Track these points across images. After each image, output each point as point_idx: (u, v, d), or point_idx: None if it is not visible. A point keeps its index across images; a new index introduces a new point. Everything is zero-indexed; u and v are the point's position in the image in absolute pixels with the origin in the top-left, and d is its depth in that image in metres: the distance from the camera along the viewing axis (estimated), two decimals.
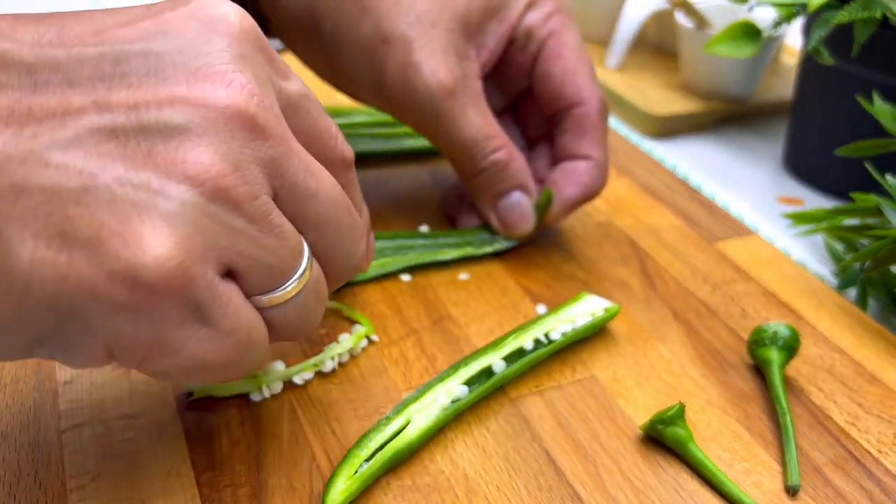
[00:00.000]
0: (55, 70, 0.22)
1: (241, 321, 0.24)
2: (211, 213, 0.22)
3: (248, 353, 0.25)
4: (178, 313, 0.23)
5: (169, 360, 0.24)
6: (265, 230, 0.24)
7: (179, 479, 0.30)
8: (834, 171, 0.54)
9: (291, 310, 0.26)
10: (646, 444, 0.33)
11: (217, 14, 0.24)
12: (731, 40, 0.50)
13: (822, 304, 0.42)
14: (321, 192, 0.26)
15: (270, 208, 0.24)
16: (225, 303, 0.23)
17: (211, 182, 0.22)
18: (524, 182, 0.42)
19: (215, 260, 0.23)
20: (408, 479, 0.31)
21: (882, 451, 0.33)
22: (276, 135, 0.24)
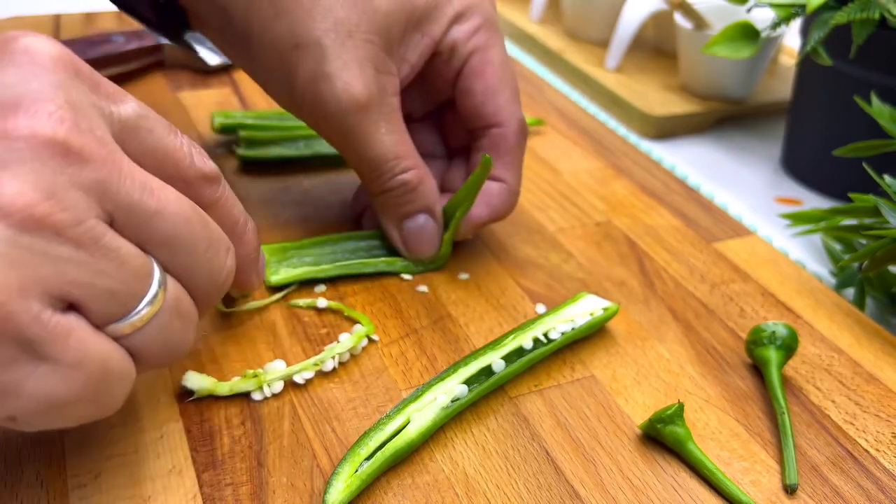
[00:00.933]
0: None
1: (88, 352, 0.23)
2: (25, 246, 0.21)
3: (107, 386, 0.24)
4: (5, 353, 0.22)
5: (11, 404, 0.22)
6: (97, 255, 0.23)
7: (180, 477, 0.30)
8: (832, 171, 0.55)
9: (153, 335, 0.25)
10: (645, 443, 0.33)
11: (22, 46, 0.24)
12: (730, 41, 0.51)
13: (820, 304, 0.42)
14: (165, 209, 0.25)
15: (101, 232, 0.23)
16: (63, 335, 0.22)
17: (20, 213, 0.21)
18: (431, 205, 0.41)
19: (40, 293, 0.22)
20: (408, 477, 0.31)
21: (880, 450, 0.34)
22: (99, 157, 0.23)
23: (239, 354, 0.36)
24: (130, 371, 0.25)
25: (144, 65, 0.60)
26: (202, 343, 0.37)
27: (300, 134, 0.51)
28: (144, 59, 0.60)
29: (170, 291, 0.26)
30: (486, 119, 0.41)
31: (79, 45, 0.57)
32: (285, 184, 0.49)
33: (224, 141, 0.53)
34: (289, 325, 0.38)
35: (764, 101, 0.65)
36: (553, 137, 0.57)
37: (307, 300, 0.39)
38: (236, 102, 0.58)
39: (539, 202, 0.49)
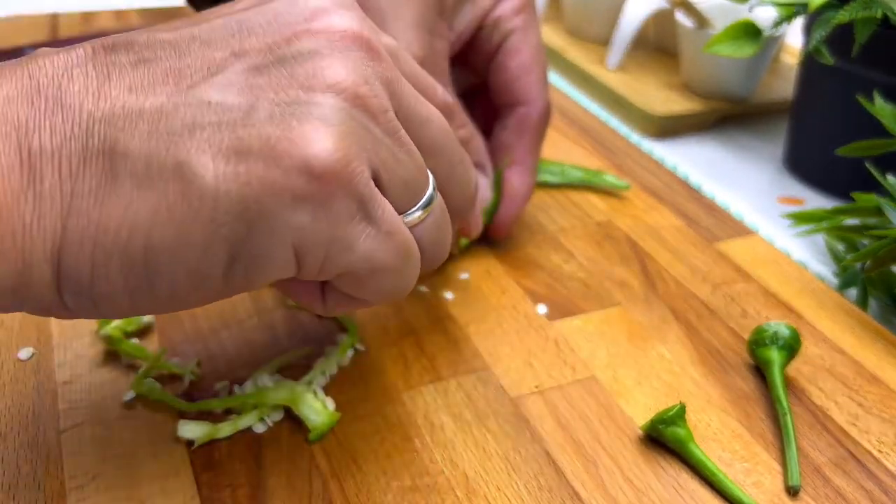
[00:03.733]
0: (192, 40, 0.25)
1: (397, 227, 0.26)
2: (357, 118, 0.24)
3: (409, 261, 0.27)
4: (349, 206, 0.24)
5: (346, 258, 0.25)
6: (397, 144, 0.26)
7: (178, 479, 0.30)
8: (834, 170, 0.54)
9: (428, 232, 0.28)
10: (646, 444, 0.33)
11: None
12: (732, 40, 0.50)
13: (822, 304, 0.42)
14: (433, 118, 0.28)
15: (398, 125, 0.26)
16: (382, 204, 0.25)
17: (350, 90, 0.24)
18: (482, 161, 0.42)
19: (367, 161, 0.25)
20: (407, 479, 0.31)
21: (882, 452, 0.33)
22: (387, 60, 0.26)
23: (236, 354, 0.36)
24: (419, 256, 0.27)
25: None
26: (201, 343, 0.36)
27: None
28: None
29: (438, 198, 0.28)
30: (514, 96, 0.42)
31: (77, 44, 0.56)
32: None
33: None
34: (287, 326, 0.38)
35: (766, 100, 0.64)
36: (554, 137, 0.57)
37: None
38: None
39: (540, 202, 0.49)
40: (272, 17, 0.26)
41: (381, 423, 0.33)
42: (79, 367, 0.35)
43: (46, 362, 0.35)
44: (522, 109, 0.42)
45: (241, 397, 0.33)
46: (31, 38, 0.64)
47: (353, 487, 0.30)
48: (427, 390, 0.35)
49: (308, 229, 0.24)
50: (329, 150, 0.23)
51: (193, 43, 0.25)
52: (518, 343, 0.38)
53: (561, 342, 0.38)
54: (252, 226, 0.23)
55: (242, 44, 0.25)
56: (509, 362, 0.37)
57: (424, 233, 0.28)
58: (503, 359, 0.37)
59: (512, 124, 0.43)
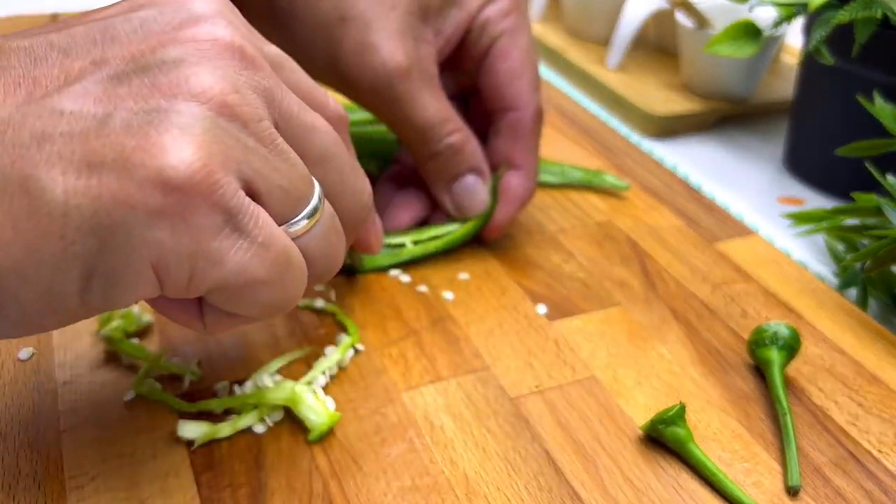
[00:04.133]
0: (50, 47, 0.24)
1: (274, 236, 0.25)
2: (223, 127, 0.23)
3: (290, 272, 0.26)
4: (213, 220, 0.23)
5: (215, 273, 0.24)
6: (274, 152, 0.25)
7: (178, 479, 0.30)
8: (834, 170, 0.54)
9: (316, 241, 0.27)
10: (646, 444, 0.33)
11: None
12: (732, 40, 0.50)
13: (822, 304, 0.42)
14: (318, 127, 0.27)
15: (275, 133, 0.25)
16: (255, 215, 0.24)
17: (216, 98, 0.23)
18: (478, 165, 0.42)
19: (235, 171, 0.24)
20: (408, 479, 0.31)
21: (882, 452, 0.33)
22: (266, 69, 0.25)
23: (236, 354, 0.36)
24: (305, 267, 0.27)
25: None
26: (201, 344, 0.36)
27: None
28: None
29: (326, 206, 0.27)
30: (504, 101, 0.42)
31: None
32: None
33: None
34: (287, 326, 0.38)
35: (766, 100, 0.64)
36: (554, 137, 0.57)
37: (305, 300, 0.39)
38: None
39: (540, 202, 0.49)
40: (138, 25, 0.25)
41: (382, 423, 0.33)
42: (79, 367, 0.35)
43: (46, 362, 0.35)
44: (514, 114, 0.42)
45: (241, 397, 0.33)
46: None
47: (353, 487, 0.30)
48: (427, 390, 0.35)
49: (167, 245, 0.23)
50: (187, 159, 0.22)
51: (51, 51, 0.24)
52: (518, 343, 0.38)
53: (561, 342, 0.38)
54: (105, 242, 0.22)
55: (104, 52, 0.24)
56: (509, 362, 0.37)
57: (311, 242, 0.27)
58: (503, 359, 0.37)
59: (504, 129, 0.42)
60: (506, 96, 0.42)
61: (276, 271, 0.25)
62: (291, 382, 0.33)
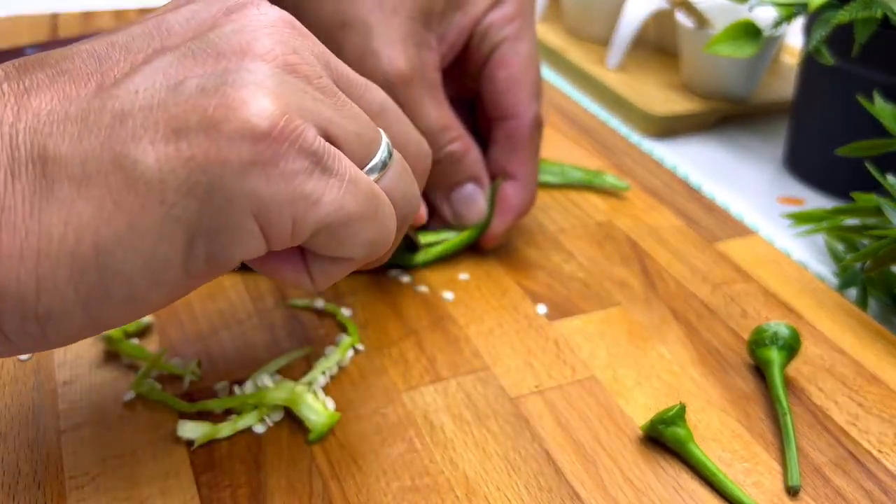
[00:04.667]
0: (112, 47, 0.25)
1: (360, 174, 0.26)
2: (291, 83, 0.24)
3: (381, 207, 0.26)
4: (302, 164, 0.24)
5: (315, 213, 0.24)
6: (338, 103, 0.26)
7: (178, 479, 0.30)
8: (834, 170, 0.54)
9: (393, 183, 0.28)
10: (646, 444, 0.33)
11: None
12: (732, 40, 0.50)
13: (822, 304, 0.42)
14: (371, 84, 0.29)
15: (336, 88, 0.26)
16: (338, 156, 0.25)
17: (280, 58, 0.24)
18: (478, 174, 0.42)
19: (312, 119, 0.24)
20: (407, 479, 0.31)
21: (882, 452, 0.33)
22: (315, 38, 0.27)
23: (236, 354, 0.36)
24: (391, 205, 0.27)
25: None
26: (200, 344, 0.36)
27: None
28: None
29: (395, 153, 0.28)
30: (502, 110, 0.42)
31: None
32: None
33: None
34: (288, 326, 0.38)
35: (766, 100, 0.64)
36: (554, 137, 0.57)
37: (305, 300, 0.39)
38: None
39: (540, 202, 0.49)
40: (189, 16, 0.26)
41: (382, 423, 0.33)
42: (79, 367, 0.35)
43: (46, 362, 0.35)
44: (511, 123, 0.42)
45: (241, 397, 0.33)
46: (32, 37, 0.64)
47: (353, 487, 0.30)
48: (427, 390, 0.35)
49: (265, 193, 0.23)
50: (269, 109, 0.23)
51: (113, 49, 0.25)
52: (518, 343, 0.38)
53: (561, 342, 0.38)
54: (205, 201, 0.23)
55: (164, 42, 0.25)
56: (509, 362, 0.37)
57: (390, 184, 0.27)
58: (503, 359, 0.37)
59: (502, 138, 0.42)
60: (504, 104, 0.41)
61: (370, 205, 0.26)
62: (291, 382, 0.33)
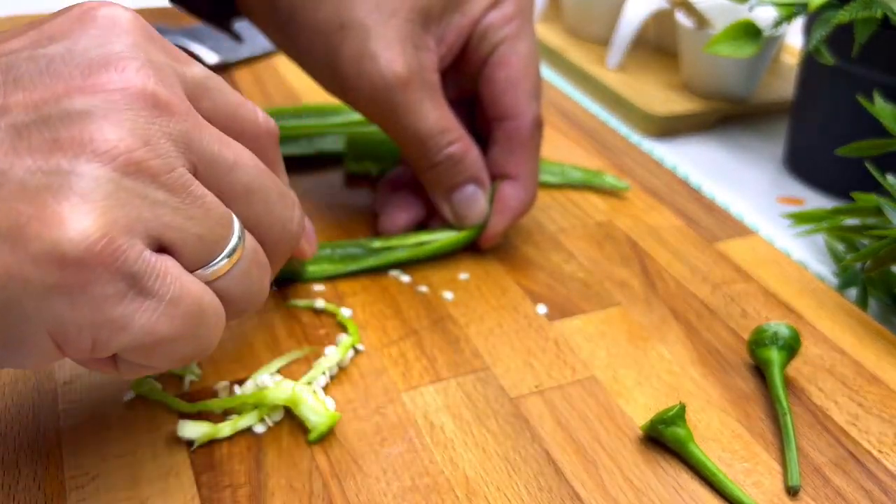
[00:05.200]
0: None
1: (185, 290, 0.24)
2: (128, 188, 0.22)
3: (204, 323, 0.25)
4: (115, 287, 0.22)
5: (120, 339, 0.23)
6: (187, 201, 0.24)
7: (179, 479, 0.30)
8: (834, 170, 0.54)
9: (236, 281, 0.26)
10: (646, 444, 0.33)
11: (100, 13, 0.25)
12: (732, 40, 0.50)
13: (822, 304, 0.42)
14: (240, 161, 0.26)
15: (189, 180, 0.24)
16: (163, 273, 0.23)
17: (122, 157, 0.22)
18: (478, 175, 0.41)
19: (142, 232, 0.23)
20: (407, 479, 0.31)
21: (882, 452, 0.33)
22: (181, 110, 0.24)
23: (236, 355, 0.36)
24: (221, 312, 0.26)
25: None
26: None
27: (302, 132, 0.51)
28: None
29: (248, 242, 0.27)
30: (502, 110, 0.41)
31: None
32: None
33: None
34: (287, 326, 0.38)
35: (766, 100, 0.64)
36: (554, 137, 0.57)
37: (305, 301, 0.39)
38: None
39: (540, 202, 0.49)
40: (45, 66, 0.23)
41: (382, 423, 0.33)
42: (79, 367, 0.35)
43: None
44: (511, 124, 0.41)
45: (241, 398, 0.33)
46: None
47: (353, 487, 0.30)
48: (427, 390, 0.35)
49: (65, 317, 0.22)
50: (87, 230, 0.21)
51: None
52: (518, 343, 0.38)
53: (561, 342, 0.38)
54: (1, 316, 0.22)
55: (6, 98, 0.22)
56: (509, 362, 0.37)
57: (230, 282, 0.26)
58: (503, 359, 0.37)
59: (502, 139, 0.42)
60: (504, 105, 0.41)
61: (188, 326, 0.24)
62: (291, 382, 0.33)
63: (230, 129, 0.27)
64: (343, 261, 0.42)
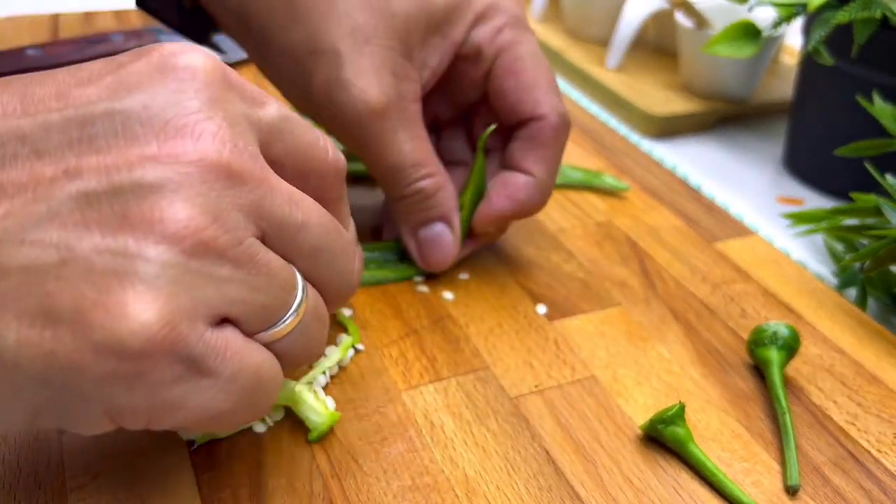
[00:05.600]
0: (22, 142, 0.22)
1: (244, 364, 0.24)
2: (194, 270, 0.22)
3: (259, 393, 0.25)
4: (173, 372, 0.22)
5: (176, 417, 0.23)
6: (253, 272, 0.24)
7: (179, 478, 0.30)
8: (834, 171, 0.54)
9: (295, 339, 0.26)
10: (645, 443, 0.33)
11: (180, 62, 0.24)
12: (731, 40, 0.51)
13: (821, 304, 0.42)
14: (309, 221, 0.26)
15: (256, 250, 0.24)
16: (223, 351, 0.23)
17: (191, 238, 0.22)
18: (448, 214, 0.40)
19: (205, 313, 0.23)
20: (408, 478, 0.31)
21: (881, 451, 0.33)
22: (255, 177, 0.24)
23: None
24: (279, 375, 0.26)
25: None
26: None
27: None
28: None
29: (310, 298, 0.27)
30: (524, 115, 0.39)
31: (78, 44, 0.57)
32: None
33: None
34: None
35: (765, 101, 0.64)
36: None
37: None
38: None
39: None
40: (120, 126, 0.22)
41: (382, 422, 0.33)
42: None
43: None
44: (534, 124, 0.39)
45: None
46: (33, 38, 0.64)
47: (353, 487, 0.30)
48: (427, 390, 0.35)
49: (122, 401, 0.22)
50: (149, 322, 0.21)
51: (22, 147, 0.22)
52: (518, 343, 0.38)
53: (560, 342, 0.38)
54: (57, 391, 0.22)
55: (79, 161, 0.22)
56: (509, 362, 0.37)
57: (292, 341, 0.26)
58: (503, 358, 0.37)
59: (524, 137, 0.40)
60: (524, 111, 0.39)
61: (245, 398, 0.24)
62: (292, 382, 0.33)
63: (301, 168, 0.27)
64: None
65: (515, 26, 0.40)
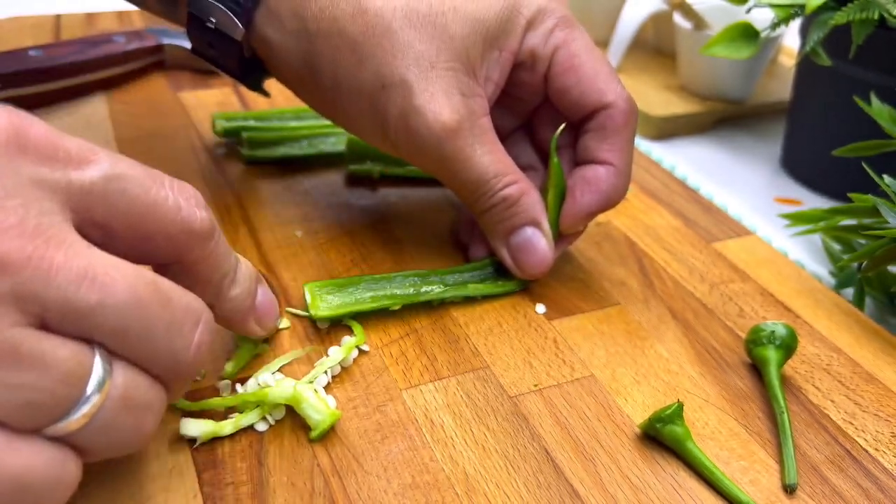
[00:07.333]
0: None
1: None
2: None
3: (31, 495, 0.22)
4: None
5: None
6: (14, 368, 0.21)
7: (181, 477, 0.30)
8: (831, 171, 0.55)
9: (96, 432, 0.24)
10: (644, 442, 0.33)
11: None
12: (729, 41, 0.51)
13: (819, 304, 0.42)
14: (108, 298, 0.23)
15: (19, 341, 0.22)
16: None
17: None
18: (537, 217, 0.40)
19: None
20: (408, 476, 0.31)
21: (879, 450, 0.34)
22: (22, 259, 0.22)
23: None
24: (62, 473, 0.23)
25: (145, 65, 0.60)
26: None
27: (303, 133, 0.51)
28: (145, 59, 0.60)
29: (117, 384, 0.24)
30: (591, 107, 0.40)
31: (79, 45, 0.57)
32: (286, 183, 0.49)
33: (227, 140, 0.53)
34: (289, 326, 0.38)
35: (763, 102, 0.65)
36: None
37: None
38: (236, 102, 0.58)
39: None
40: None
41: (382, 421, 0.33)
42: None
43: None
44: (603, 112, 0.40)
45: (243, 396, 0.33)
46: (35, 39, 0.64)
47: (354, 485, 0.31)
48: (427, 389, 0.35)
49: None
50: None
51: None
52: (517, 342, 0.38)
53: (560, 341, 0.38)
54: None
55: None
56: (508, 361, 0.37)
57: (93, 434, 0.23)
58: (502, 358, 0.37)
59: (594, 128, 0.40)
60: (590, 103, 0.40)
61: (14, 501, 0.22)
62: (293, 381, 0.33)
63: (139, 231, 0.26)
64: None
65: (565, 26, 0.40)
